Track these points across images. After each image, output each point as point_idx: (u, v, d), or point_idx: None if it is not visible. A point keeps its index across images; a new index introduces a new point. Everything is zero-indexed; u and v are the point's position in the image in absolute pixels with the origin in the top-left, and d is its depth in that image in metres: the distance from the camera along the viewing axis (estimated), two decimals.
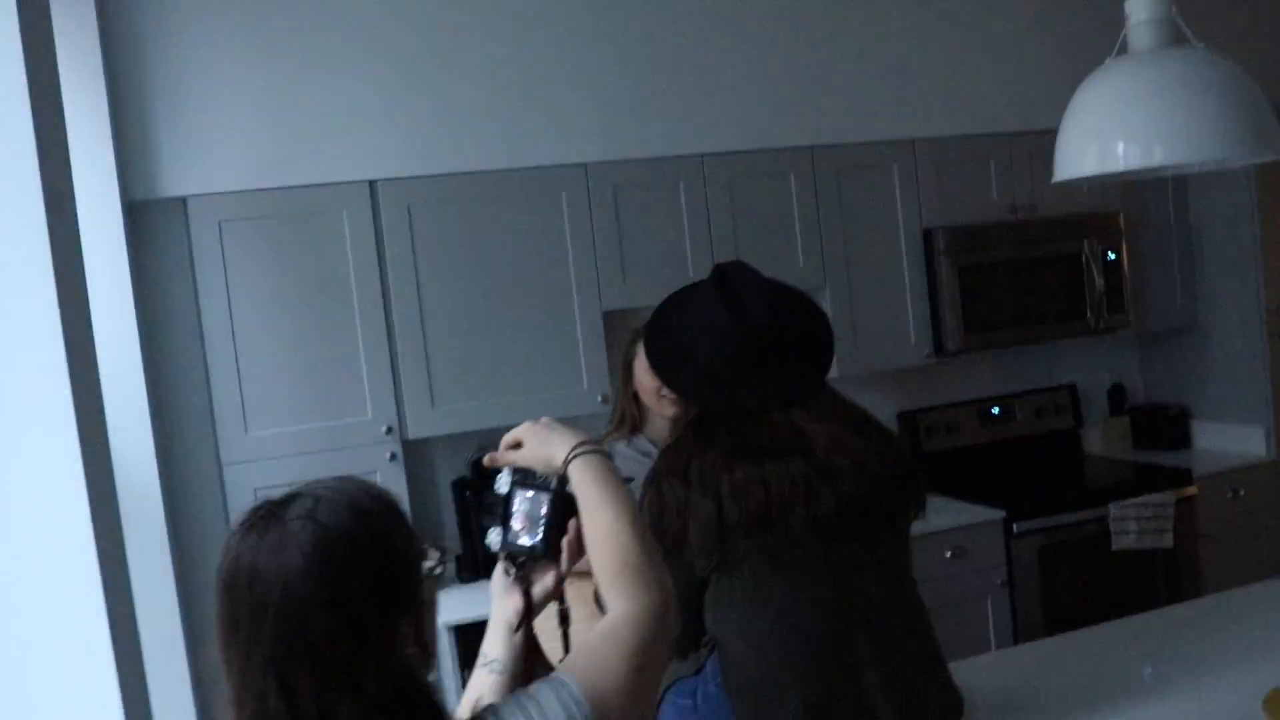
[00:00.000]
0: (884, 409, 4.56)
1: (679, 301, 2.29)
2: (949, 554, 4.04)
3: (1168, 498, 4.29)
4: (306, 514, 1.28)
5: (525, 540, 1.61)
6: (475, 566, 3.90)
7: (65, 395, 1.89)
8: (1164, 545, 4.29)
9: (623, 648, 1.44)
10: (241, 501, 3.56)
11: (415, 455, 3.94)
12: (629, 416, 3.22)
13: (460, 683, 3.53)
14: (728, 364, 2.16)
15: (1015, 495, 4.32)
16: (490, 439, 3.98)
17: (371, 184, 3.70)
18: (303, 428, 3.63)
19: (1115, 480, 4.54)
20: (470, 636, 3.52)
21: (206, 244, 3.55)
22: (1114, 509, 4.24)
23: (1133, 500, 4.26)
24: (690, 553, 2.08)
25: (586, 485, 1.57)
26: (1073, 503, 4.29)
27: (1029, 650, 2.90)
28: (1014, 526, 4.17)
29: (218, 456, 3.60)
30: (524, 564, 1.62)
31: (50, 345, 1.88)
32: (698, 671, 2.23)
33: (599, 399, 3.92)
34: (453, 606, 3.63)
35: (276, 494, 1.34)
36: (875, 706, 2.07)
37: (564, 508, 1.60)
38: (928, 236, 4.37)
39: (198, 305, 3.59)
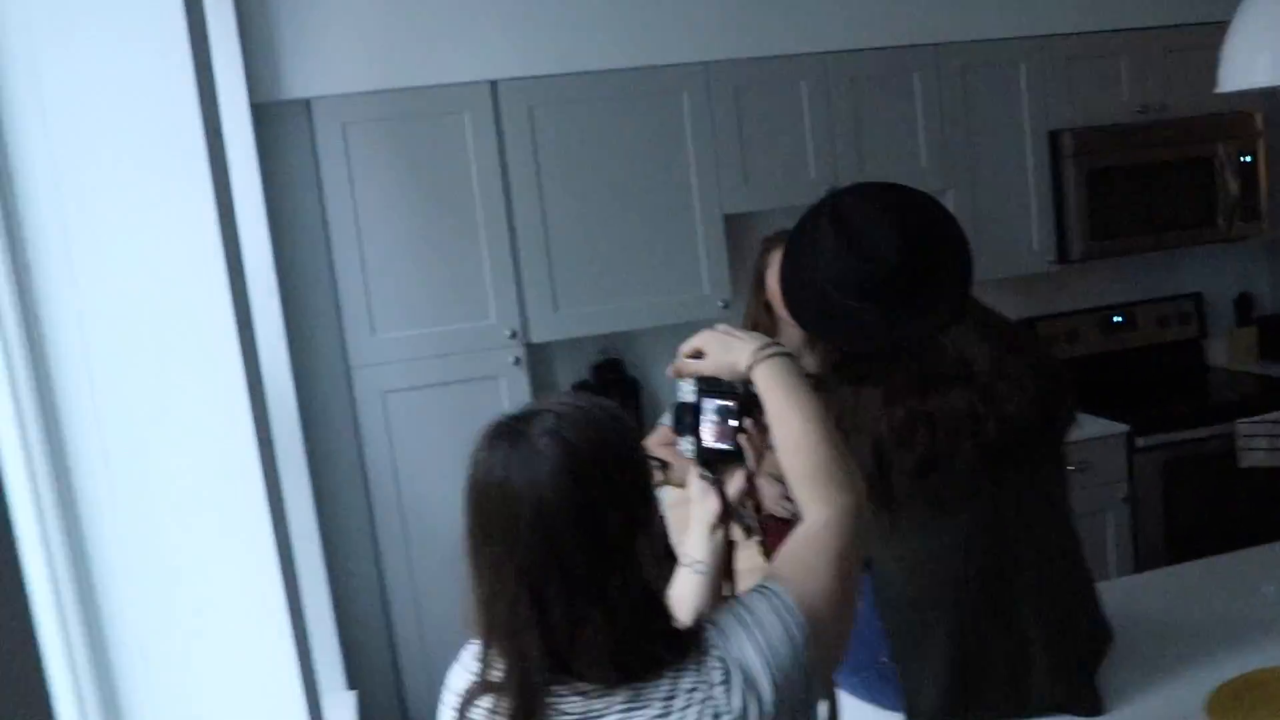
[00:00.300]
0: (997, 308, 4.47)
1: (805, 244, 2.17)
2: (1070, 467, 3.98)
3: None
4: (551, 430, 1.32)
5: (719, 445, 1.63)
6: None
7: (226, 302, 1.91)
8: None
9: (827, 553, 1.46)
10: (371, 404, 3.62)
11: (536, 359, 3.95)
12: (761, 326, 3.19)
13: None
14: (872, 308, 2.07)
15: (1138, 408, 4.24)
16: (610, 342, 4.03)
17: (493, 84, 3.66)
18: (429, 331, 3.66)
19: (1243, 395, 4.44)
20: None
21: (331, 146, 3.56)
22: (1242, 425, 4.13)
23: (1262, 416, 4.15)
24: None
25: (773, 389, 1.57)
26: (1198, 418, 4.21)
27: (1161, 576, 2.85)
28: (1137, 441, 4.10)
29: (346, 359, 3.65)
30: (717, 468, 1.64)
31: (212, 256, 1.89)
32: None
33: (720, 303, 3.89)
34: None
35: (515, 410, 1.38)
36: (1028, 637, 2.05)
37: (748, 410, 1.62)
38: (1054, 138, 4.24)
39: (323, 208, 3.61)
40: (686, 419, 1.63)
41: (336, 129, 3.55)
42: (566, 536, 1.30)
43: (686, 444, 1.64)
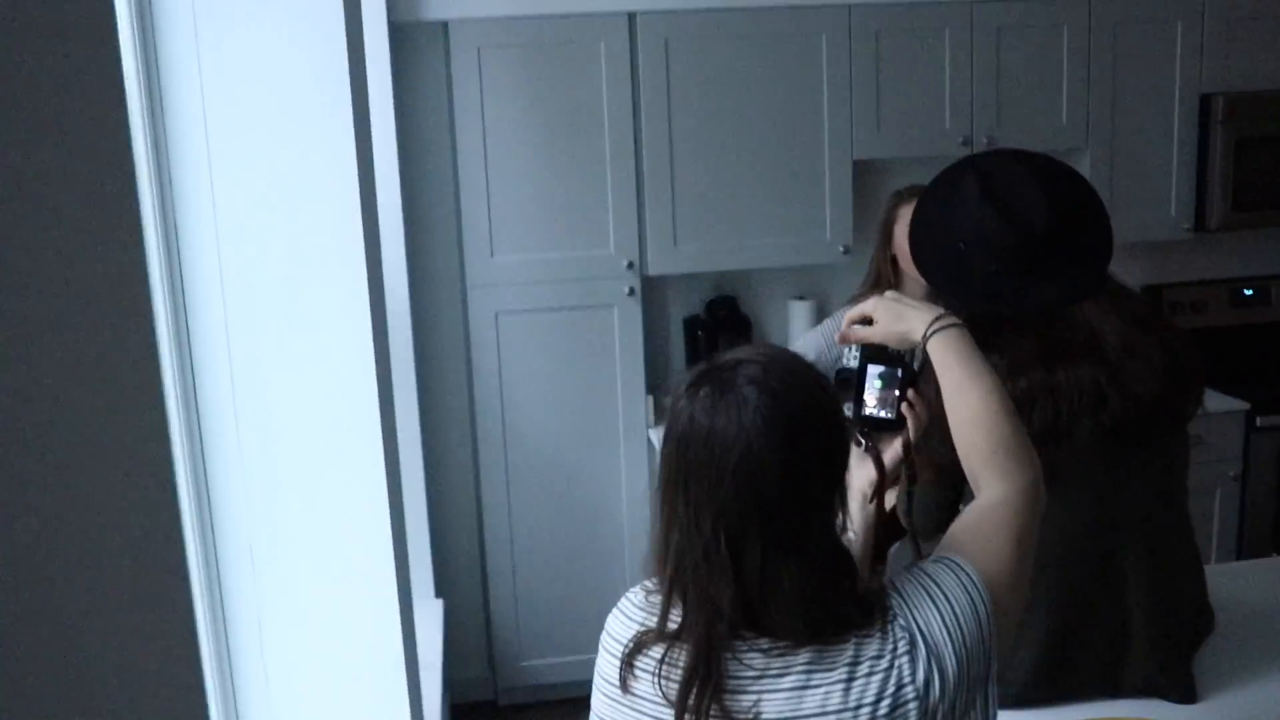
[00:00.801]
0: (1128, 281, 4.35)
1: (943, 201, 2.12)
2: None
3: None
4: (756, 380, 1.32)
5: (881, 414, 1.64)
6: None
7: (356, 219, 1.94)
8: None
9: (1007, 530, 1.45)
10: (483, 324, 3.67)
11: (651, 291, 3.96)
12: (885, 279, 3.16)
13: None
14: (1008, 274, 2.04)
15: (1260, 386, 4.12)
16: (725, 280, 4.03)
17: (630, 15, 3.62)
18: (546, 256, 3.69)
19: None
20: None
21: (465, 69, 3.57)
22: None
23: None
24: None
25: (950, 361, 1.57)
26: None
27: (1268, 564, 2.79)
28: (1257, 420, 3.99)
29: (463, 278, 3.70)
30: (876, 436, 1.66)
31: (346, 171, 1.91)
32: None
33: (841, 249, 3.86)
34: None
35: (718, 359, 1.39)
36: (1130, 618, 2.03)
37: (913, 379, 1.63)
38: (1205, 102, 4.07)
39: (453, 130, 3.64)
40: (850, 383, 1.65)
41: (472, 52, 3.56)
42: (770, 485, 1.29)
43: (847, 410, 1.61)
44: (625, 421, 3.82)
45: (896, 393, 1.64)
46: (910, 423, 1.68)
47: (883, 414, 1.65)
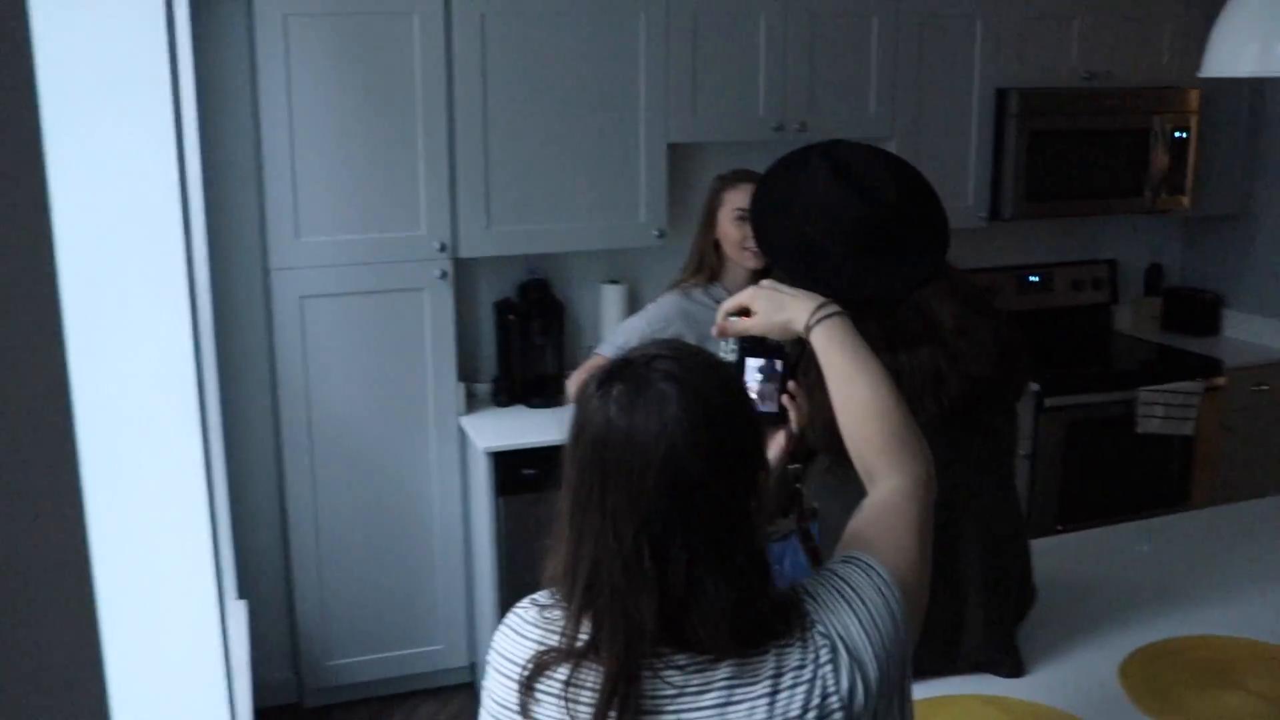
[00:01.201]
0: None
1: (789, 183, 2.14)
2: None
3: (1196, 386, 4.33)
4: (676, 375, 1.25)
5: (764, 408, 1.60)
6: (513, 391, 3.88)
7: (173, 199, 1.81)
8: (1185, 433, 4.35)
9: (908, 522, 1.42)
10: (287, 308, 3.49)
11: (463, 274, 3.84)
12: (707, 264, 3.15)
13: (496, 510, 3.55)
14: (858, 256, 2.06)
15: (1047, 368, 4.34)
16: (537, 263, 3.94)
17: None
18: (355, 238, 3.52)
19: (1143, 362, 4.57)
20: (508, 463, 3.52)
21: (270, 38, 3.35)
22: (1143, 393, 4.27)
23: (1162, 386, 4.29)
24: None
25: (835, 352, 1.53)
26: (1104, 383, 4.32)
27: (1077, 539, 2.90)
28: (1045, 401, 4.20)
29: (265, 260, 3.50)
30: None
31: (155, 142, 1.78)
32: (785, 537, 2.22)
33: (655, 233, 3.83)
34: (490, 432, 3.62)
35: (613, 353, 1.30)
36: (965, 597, 2.09)
37: (794, 370, 1.59)
38: (1000, 97, 4.24)
39: (255, 102, 3.42)
40: None
41: (277, 20, 3.34)
42: (696, 487, 1.22)
43: None
44: (436, 410, 3.70)
45: (777, 385, 1.60)
46: (792, 414, 1.65)
47: (765, 408, 1.61)
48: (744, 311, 1.66)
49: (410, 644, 3.83)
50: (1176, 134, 4.43)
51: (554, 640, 1.28)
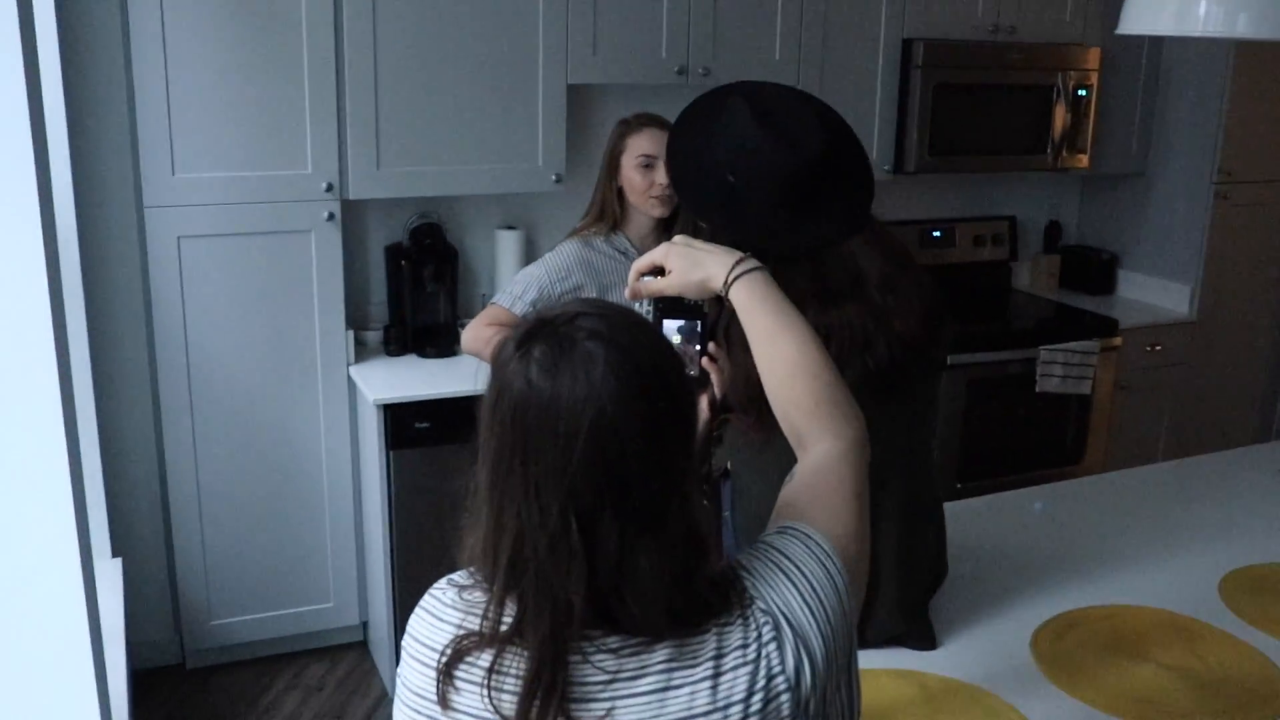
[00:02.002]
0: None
1: (707, 130, 2.04)
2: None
3: (1094, 345, 4.35)
4: (601, 334, 1.14)
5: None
6: (404, 340, 3.73)
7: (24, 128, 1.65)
8: (1083, 392, 4.37)
9: (846, 488, 1.34)
10: (163, 249, 3.29)
11: (351, 216, 3.68)
12: (610, 212, 3.03)
13: (387, 465, 3.41)
14: (783, 206, 1.97)
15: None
16: (430, 207, 3.80)
17: None
18: (236, 175, 3.32)
19: (1044, 322, 4.58)
20: (400, 415, 3.39)
21: None
22: (1043, 352, 4.28)
23: (1061, 345, 4.30)
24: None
25: (758, 309, 1.44)
26: (1004, 341, 4.31)
27: (984, 502, 2.88)
28: (947, 359, 4.17)
29: (139, 197, 3.29)
30: None
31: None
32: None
33: (553, 177, 3.70)
34: (381, 383, 3.47)
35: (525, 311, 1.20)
36: (879, 566, 2.01)
37: (713, 331, 1.51)
38: (906, 47, 4.18)
39: (125, 27, 3.20)
40: None
41: None
42: (628, 453, 1.11)
43: None
44: (324, 359, 3.54)
45: (697, 347, 1.51)
46: (714, 377, 1.57)
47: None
48: (658, 271, 1.55)
49: (299, 602, 3.68)
50: (1079, 92, 4.43)
51: (474, 624, 1.17)
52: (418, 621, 1.23)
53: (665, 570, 1.13)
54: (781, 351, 1.42)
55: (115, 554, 3.33)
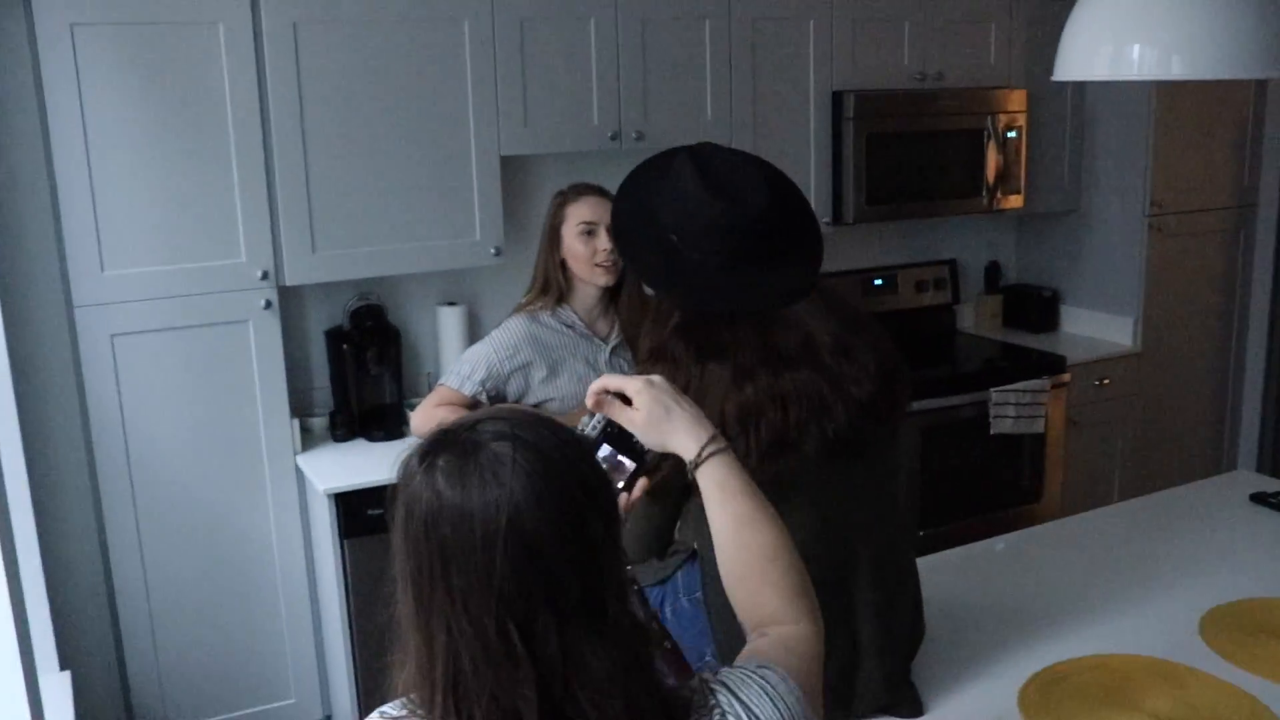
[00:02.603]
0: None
1: (652, 189, 2.01)
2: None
3: (1044, 384, 4.36)
4: (504, 435, 1.12)
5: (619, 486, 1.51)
6: (351, 424, 3.65)
7: None
8: (1036, 430, 4.37)
9: (815, 668, 1.34)
10: (96, 349, 3.19)
11: (289, 303, 3.60)
12: (555, 284, 2.99)
13: (341, 554, 3.32)
14: (728, 262, 1.94)
15: None
16: (369, 286, 3.74)
17: None
18: (169, 268, 3.24)
19: (993, 363, 4.59)
20: (351, 503, 3.30)
21: (56, 51, 3.04)
22: (994, 394, 4.28)
23: (1012, 386, 4.31)
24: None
25: (735, 492, 1.44)
26: (956, 386, 4.31)
27: (958, 555, 2.84)
28: (904, 420, 4.14)
29: (68, 297, 3.19)
30: None
31: None
32: (662, 581, 2.08)
33: (492, 250, 3.66)
34: (329, 471, 3.38)
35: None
36: (859, 637, 1.97)
37: (637, 477, 1.51)
38: (837, 100, 4.20)
39: (44, 123, 3.12)
40: None
41: (63, 29, 3.03)
42: (553, 549, 1.09)
43: None
44: (269, 449, 3.44)
45: (621, 484, 1.49)
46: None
47: None
48: (627, 398, 1.52)
49: (259, 700, 3.55)
50: (1008, 134, 4.48)
51: None
52: None
53: (616, 663, 1.10)
54: (762, 535, 1.41)
55: (63, 667, 3.20)
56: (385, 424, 3.64)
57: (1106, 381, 4.61)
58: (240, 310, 3.35)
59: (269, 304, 3.38)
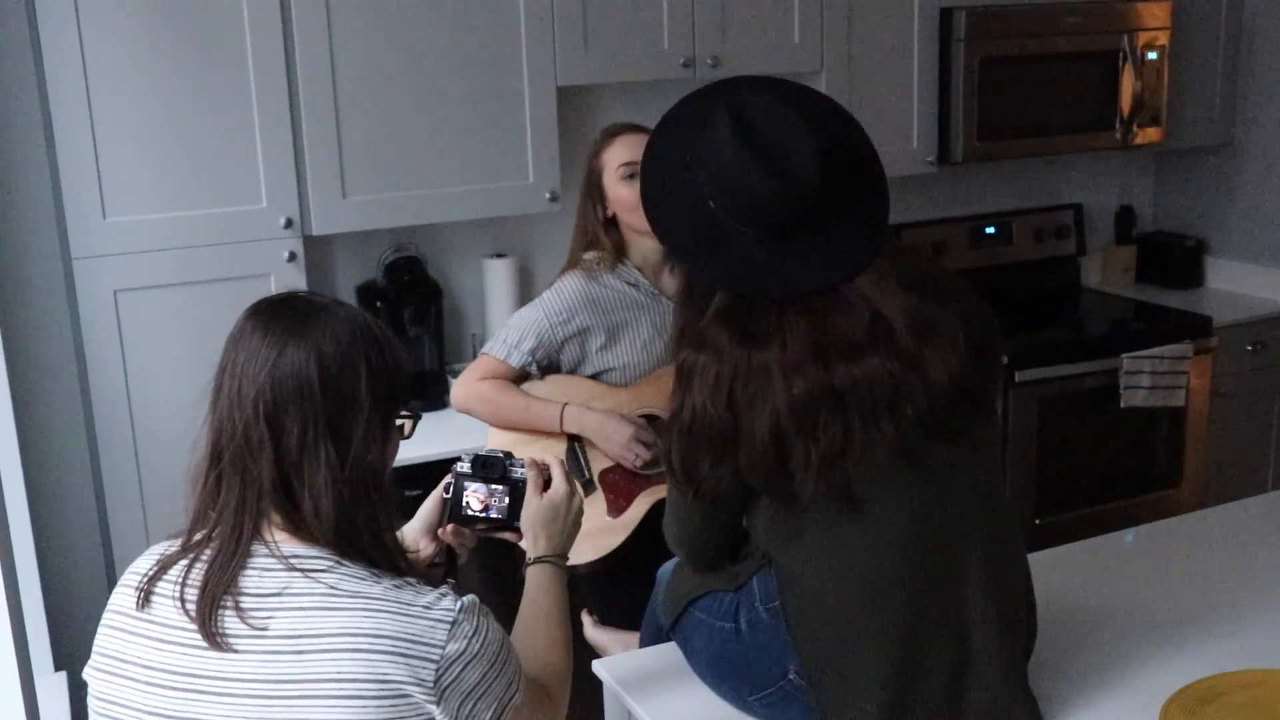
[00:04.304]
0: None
1: (686, 143, 1.93)
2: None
3: (1185, 349, 4.24)
4: (333, 301, 1.65)
5: (492, 515, 1.97)
6: None
7: None
8: (1175, 404, 4.26)
9: (527, 708, 1.70)
10: (97, 306, 3.20)
11: (316, 255, 3.60)
12: (601, 242, 2.92)
13: None
14: (775, 236, 1.86)
15: (1013, 336, 4.22)
16: (407, 238, 3.71)
17: None
18: (178, 215, 3.24)
19: (1124, 325, 4.50)
20: None
21: None
22: (1126, 361, 4.17)
23: (1147, 351, 4.19)
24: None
25: (548, 593, 1.90)
26: (1081, 351, 4.21)
27: (1076, 550, 2.76)
28: (1015, 375, 4.07)
29: (65, 249, 3.20)
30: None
31: None
32: (737, 589, 2.03)
33: (547, 196, 3.62)
34: None
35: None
36: (971, 643, 1.90)
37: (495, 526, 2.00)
38: (945, 18, 4.10)
39: (37, 52, 3.12)
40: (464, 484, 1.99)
41: None
42: (331, 377, 1.55)
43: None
44: None
45: (499, 506, 1.98)
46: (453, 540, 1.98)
47: (492, 515, 1.97)
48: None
49: None
50: (1148, 55, 4.34)
51: (175, 546, 1.60)
52: (135, 562, 1.66)
53: (339, 479, 1.54)
54: (550, 631, 1.87)
55: (59, 667, 3.23)
56: (424, 393, 3.63)
57: (1261, 346, 4.48)
58: (261, 263, 3.35)
59: (293, 256, 3.37)
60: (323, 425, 1.54)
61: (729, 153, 1.81)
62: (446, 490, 1.97)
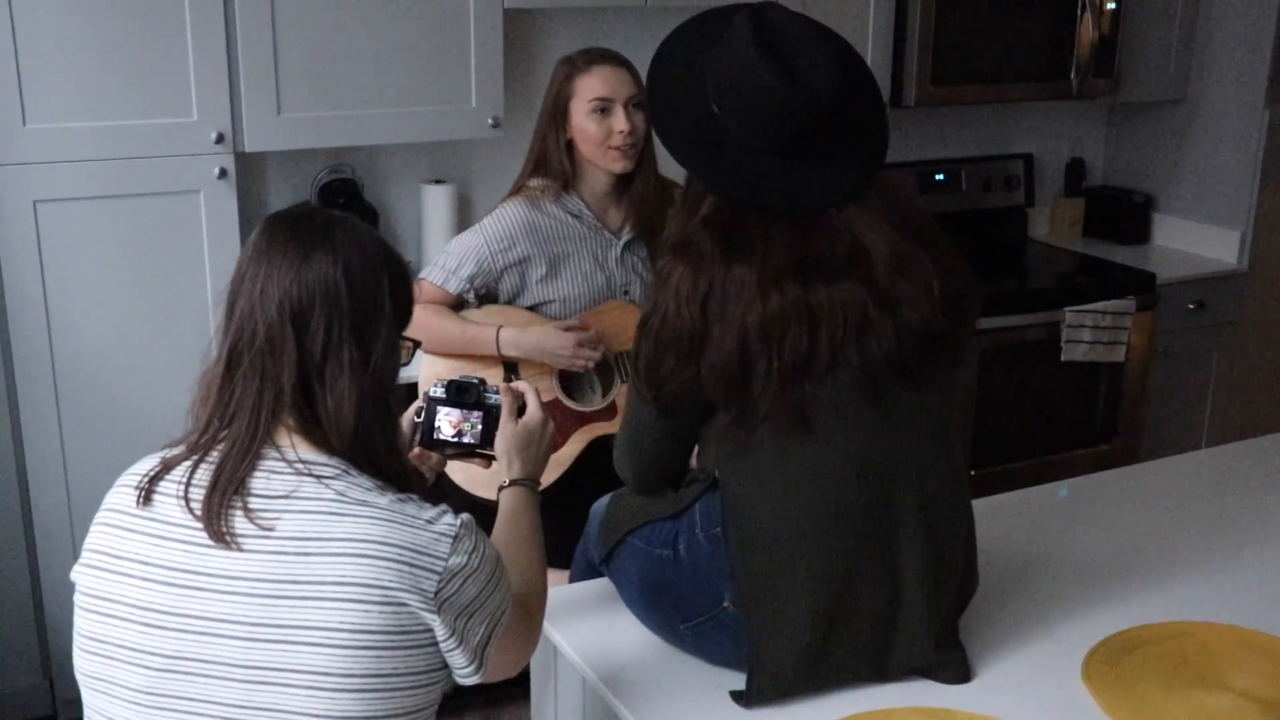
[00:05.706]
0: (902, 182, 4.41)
1: (700, 47, 1.99)
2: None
3: (1127, 304, 4.31)
4: (347, 217, 1.69)
5: (465, 440, 2.05)
6: None
7: None
8: (1115, 359, 4.34)
9: (514, 625, 1.76)
10: (15, 217, 3.16)
11: (248, 172, 3.58)
12: (559, 169, 2.94)
13: None
14: (780, 150, 1.92)
15: None
16: (343, 159, 3.69)
17: None
18: (103, 124, 3.19)
19: (1068, 278, 4.57)
20: None
21: None
22: (1069, 314, 4.24)
23: (1090, 306, 4.27)
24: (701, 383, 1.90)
25: (525, 515, 1.98)
26: (1024, 303, 4.27)
27: (1013, 499, 2.83)
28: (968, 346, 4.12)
29: None
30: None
31: None
32: (677, 515, 2.07)
33: (489, 121, 3.61)
34: None
35: None
36: (901, 590, 1.96)
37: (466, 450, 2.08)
38: None
39: None
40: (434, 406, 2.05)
41: None
42: (355, 287, 1.61)
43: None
44: None
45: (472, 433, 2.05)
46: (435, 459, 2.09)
47: (465, 439, 2.05)
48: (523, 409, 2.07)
49: None
50: (1107, 4, 4.38)
51: (179, 451, 1.63)
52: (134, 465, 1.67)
53: (361, 385, 1.59)
54: (525, 554, 1.93)
55: None
56: None
57: (1203, 305, 4.57)
58: (190, 179, 3.32)
59: (224, 173, 3.35)
60: (348, 328, 1.60)
61: (749, 58, 1.85)
62: (417, 414, 2.03)
